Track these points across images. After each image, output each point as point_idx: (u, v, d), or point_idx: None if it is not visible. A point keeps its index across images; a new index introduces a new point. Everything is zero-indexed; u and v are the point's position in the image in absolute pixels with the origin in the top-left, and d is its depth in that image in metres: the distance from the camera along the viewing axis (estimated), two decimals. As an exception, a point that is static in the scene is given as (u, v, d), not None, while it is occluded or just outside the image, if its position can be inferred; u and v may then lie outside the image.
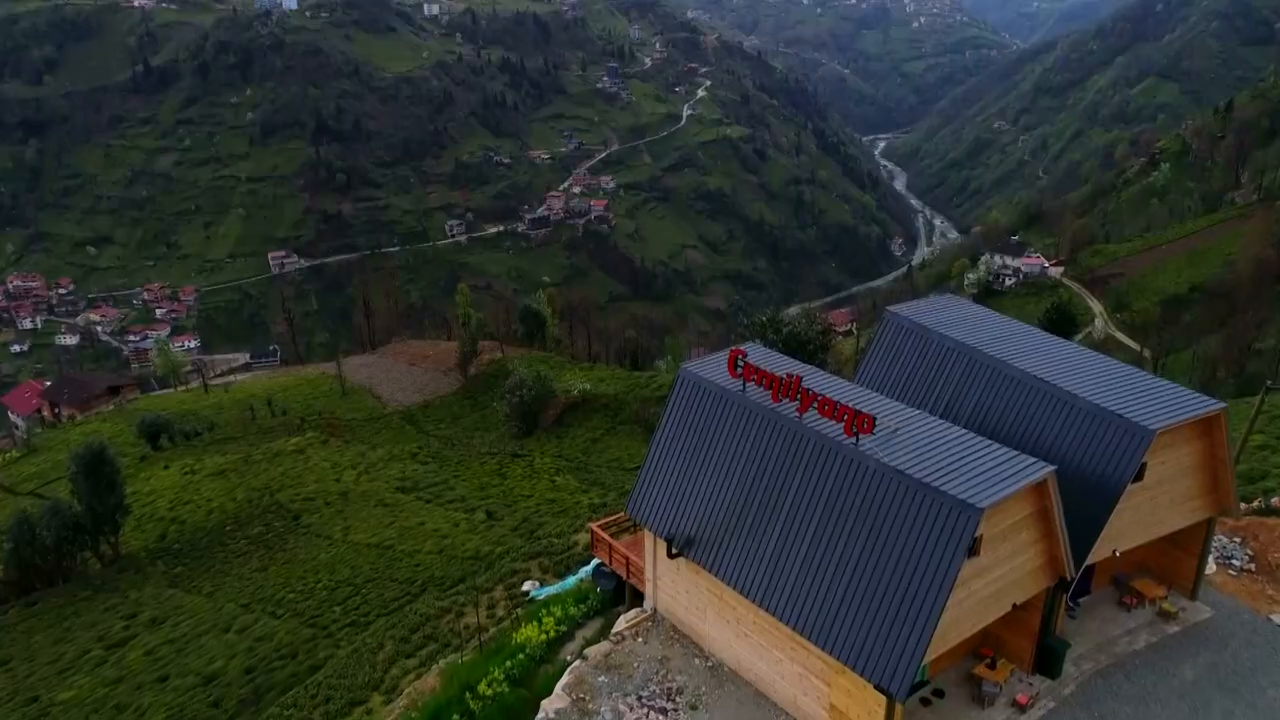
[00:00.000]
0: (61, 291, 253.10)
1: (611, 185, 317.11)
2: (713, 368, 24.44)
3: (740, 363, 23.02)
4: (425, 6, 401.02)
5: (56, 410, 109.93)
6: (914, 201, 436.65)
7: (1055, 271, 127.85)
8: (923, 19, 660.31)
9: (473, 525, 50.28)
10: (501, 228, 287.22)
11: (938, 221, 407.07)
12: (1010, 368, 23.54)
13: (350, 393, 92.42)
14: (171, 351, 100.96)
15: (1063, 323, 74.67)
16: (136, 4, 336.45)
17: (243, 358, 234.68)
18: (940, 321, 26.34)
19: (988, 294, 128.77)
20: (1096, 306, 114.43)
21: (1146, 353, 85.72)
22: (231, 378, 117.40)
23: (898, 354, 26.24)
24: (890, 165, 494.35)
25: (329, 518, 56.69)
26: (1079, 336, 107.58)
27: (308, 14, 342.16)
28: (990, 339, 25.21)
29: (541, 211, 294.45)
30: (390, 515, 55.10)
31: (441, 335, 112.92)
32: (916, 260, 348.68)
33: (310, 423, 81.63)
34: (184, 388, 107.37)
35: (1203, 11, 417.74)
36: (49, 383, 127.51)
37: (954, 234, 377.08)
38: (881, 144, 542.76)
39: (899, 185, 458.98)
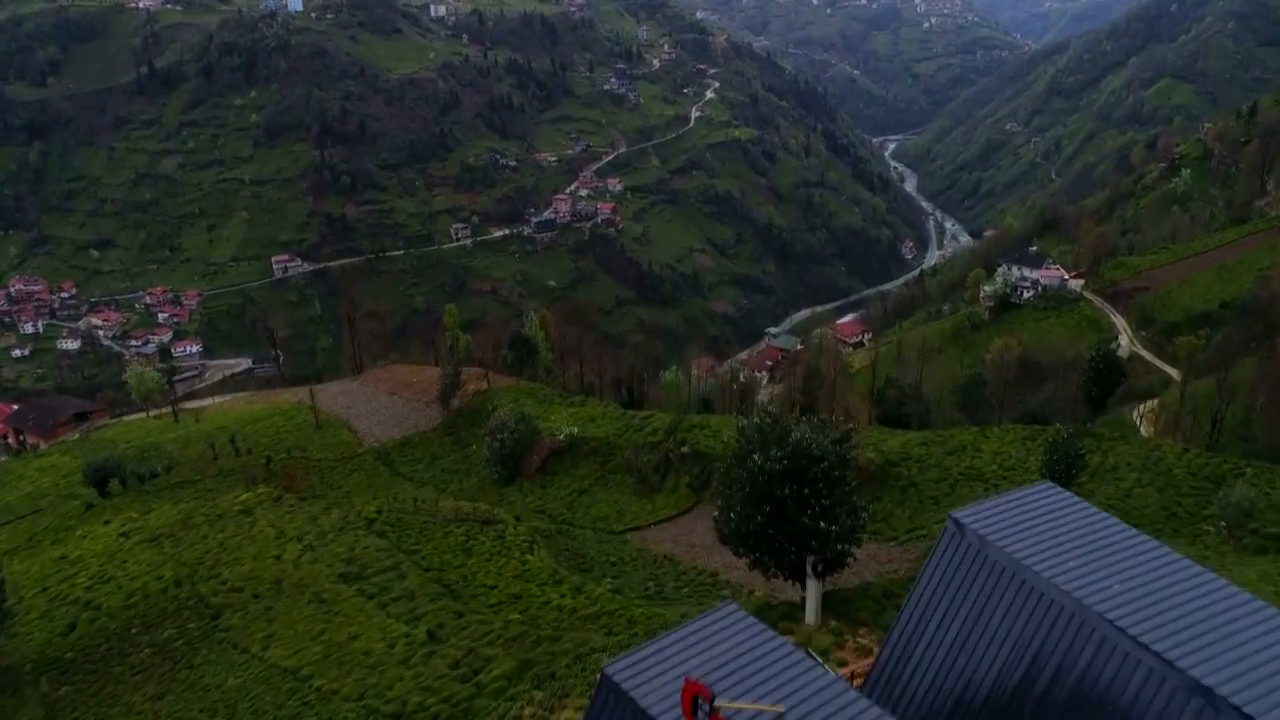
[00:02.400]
0: (64, 295, 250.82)
1: (619, 188, 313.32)
2: (654, 686, 14.11)
3: (703, 709, 13.12)
4: (432, 7, 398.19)
5: (21, 438, 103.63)
6: (925, 204, 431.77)
7: (1076, 284, 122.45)
8: (933, 19, 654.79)
9: (410, 648, 40.57)
10: (507, 231, 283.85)
11: (949, 224, 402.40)
12: (1177, 672, 13.82)
13: (325, 425, 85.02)
14: (146, 374, 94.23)
15: (1111, 373, 64.98)
16: (141, 5, 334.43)
17: (245, 363, 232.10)
18: (1035, 545, 16.52)
19: (1005, 307, 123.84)
20: (1120, 322, 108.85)
21: (1177, 375, 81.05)
22: (209, 401, 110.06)
23: (967, 593, 16.72)
24: (900, 167, 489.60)
25: (253, 618, 47.66)
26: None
27: (313, 15, 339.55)
28: (1126, 586, 15.53)
29: (548, 214, 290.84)
30: (323, 619, 45.85)
31: (429, 358, 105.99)
32: (928, 264, 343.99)
33: (276, 463, 74.25)
34: (156, 413, 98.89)
35: (1218, 11, 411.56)
36: (16, 407, 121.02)
37: (965, 237, 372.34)
38: (892, 145, 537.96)
39: (909, 187, 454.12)
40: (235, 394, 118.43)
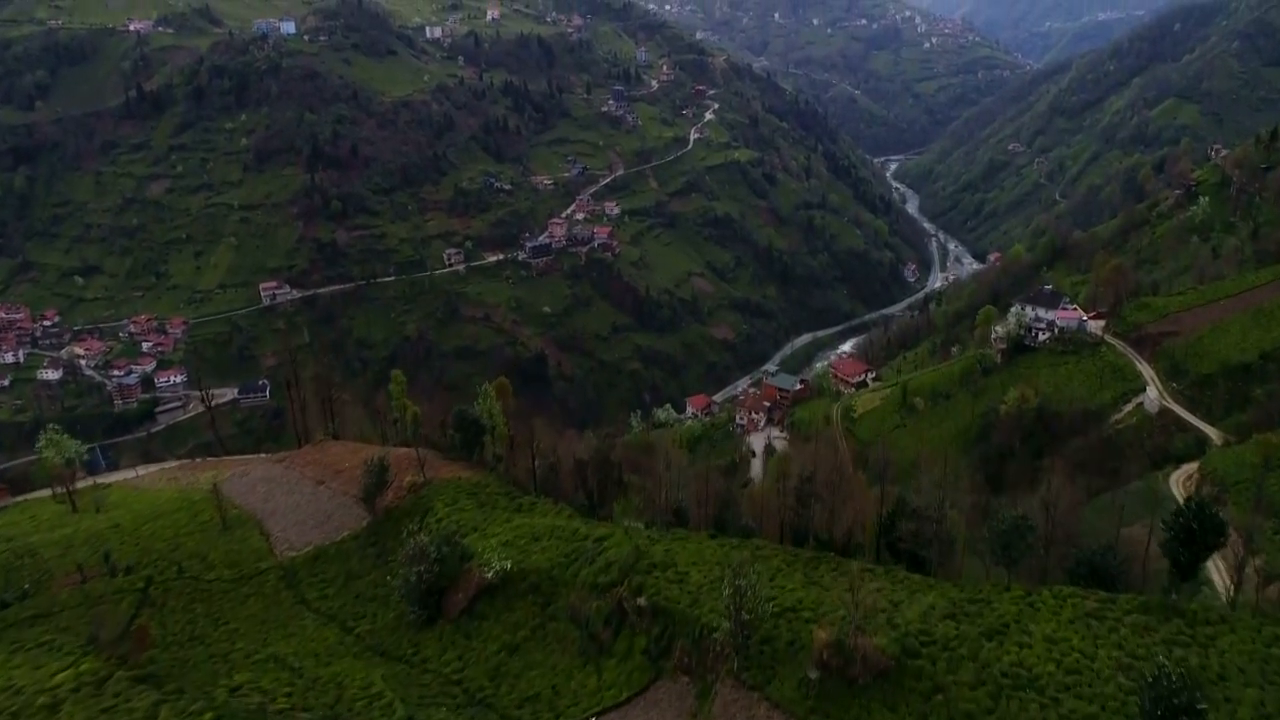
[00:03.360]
0: (46, 324, 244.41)
1: (616, 211, 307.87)
2: None
3: None
4: (427, 29, 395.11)
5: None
6: (927, 225, 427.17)
7: (1095, 326, 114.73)
8: (934, 39, 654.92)
9: None
10: (501, 256, 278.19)
11: (951, 246, 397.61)
12: None
13: (233, 526, 72.19)
14: (63, 442, 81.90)
15: (1207, 533, 49.09)
16: (131, 28, 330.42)
17: (230, 393, 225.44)
18: None
19: (1018, 349, 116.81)
20: (1148, 371, 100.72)
21: (1215, 435, 73.77)
22: (130, 473, 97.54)
23: None
24: (902, 188, 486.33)
25: None
26: (1130, 406, 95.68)
27: (306, 38, 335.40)
28: None
29: (543, 239, 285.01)
30: None
31: (376, 429, 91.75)
32: (931, 287, 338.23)
33: (157, 586, 62.76)
34: (61, 490, 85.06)
35: (1222, 31, 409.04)
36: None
37: (969, 259, 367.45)
38: (893, 166, 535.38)
39: (911, 208, 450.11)
40: (160, 465, 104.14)
